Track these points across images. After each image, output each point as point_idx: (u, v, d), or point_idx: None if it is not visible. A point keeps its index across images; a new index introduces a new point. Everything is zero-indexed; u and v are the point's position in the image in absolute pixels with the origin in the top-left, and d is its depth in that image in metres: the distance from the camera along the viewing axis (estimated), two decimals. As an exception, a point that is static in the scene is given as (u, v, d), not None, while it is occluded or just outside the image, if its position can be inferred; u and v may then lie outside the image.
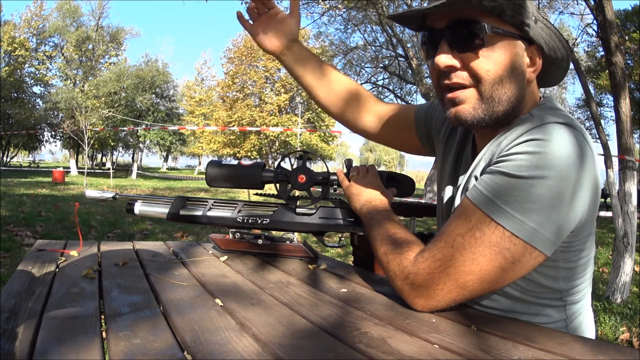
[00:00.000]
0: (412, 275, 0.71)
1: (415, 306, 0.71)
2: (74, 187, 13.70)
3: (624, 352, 0.56)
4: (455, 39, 0.71)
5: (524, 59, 0.73)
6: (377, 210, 0.89)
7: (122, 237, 5.31)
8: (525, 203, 0.63)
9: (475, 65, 0.70)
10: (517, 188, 0.64)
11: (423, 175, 20.42)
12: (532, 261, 0.66)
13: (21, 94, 25.39)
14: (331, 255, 3.78)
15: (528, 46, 0.73)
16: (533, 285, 0.74)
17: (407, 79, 10.50)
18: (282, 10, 1.05)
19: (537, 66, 0.75)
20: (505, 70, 0.71)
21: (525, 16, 0.69)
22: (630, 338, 2.70)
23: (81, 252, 1.07)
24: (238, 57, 24.91)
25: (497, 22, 0.69)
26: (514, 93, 0.72)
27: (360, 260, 1.08)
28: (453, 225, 0.69)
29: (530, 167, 0.64)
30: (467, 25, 0.69)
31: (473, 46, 0.70)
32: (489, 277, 0.66)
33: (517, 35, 0.71)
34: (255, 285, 0.85)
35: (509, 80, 0.71)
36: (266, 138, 24.54)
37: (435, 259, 0.69)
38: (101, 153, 41.67)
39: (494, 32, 0.69)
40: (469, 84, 0.72)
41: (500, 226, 0.64)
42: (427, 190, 9.68)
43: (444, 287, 0.68)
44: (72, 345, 0.53)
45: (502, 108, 0.72)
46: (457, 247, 0.67)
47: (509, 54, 0.70)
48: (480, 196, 0.67)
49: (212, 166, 1.02)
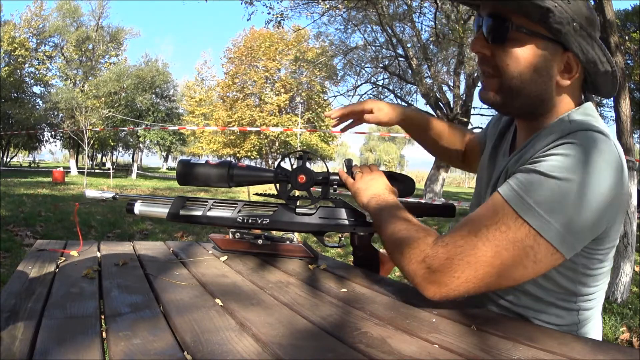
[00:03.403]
0: (429, 258, 0.69)
1: (427, 292, 0.70)
2: (74, 187, 13.70)
3: (624, 352, 0.56)
4: (487, 30, 0.75)
5: (554, 63, 0.74)
6: (386, 202, 0.88)
7: (122, 237, 5.31)
8: (554, 204, 0.64)
9: (497, 58, 0.75)
10: (548, 188, 0.64)
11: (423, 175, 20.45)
12: (552, 262, 0.67)
13: (21, 94, 25.37)
14: (331, 255, 3.77)
15: (563, 52, 0.73)
16: (551, 283, 0.75)
17: (407, 79, 10.48)
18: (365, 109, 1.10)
19: (574, 73, 0.75)
20: (525, 67, 0.74)
21: (555, 22, 0.69)
22: (630, 338, 2.70)
23: (81, 252, 1.07)
24: (238, 57, 24.91)
25: (525, 22, 0.72)
26: (534, 91, 0.75)
27: (360, 260, 1.08)
28: (480, 215, 0.69)
29: (563, 168, 0.64)
30: (497, 20, 0.74)
31: (499, 40, 0.74)
32: (507, 273, 0.66)
33: (547, 37, 0.72)
34: (255, 285, 0.85)
35: (529, 78, 0.74)
36: (266, 138, 24.53)
37: (456, 245, 0.68)
38: (101, 153, 41.68)
39: (518, 31, 0.72)
40: (493, 73, 0.77)
41: (526, 224, 0.65)
42: (427, 190, 9.68)
43: (461, 275, 0.67)
44: (72, 345, 0.53)
45: (520, 102, 0.76)
46: (481, 237, 0.67)
47: (532, 53, 0.73)
48: (511, 192, 0.67)
49: (182, 165, 1.02)
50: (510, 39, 0.73)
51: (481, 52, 0.77)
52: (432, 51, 9.73)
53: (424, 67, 9.84)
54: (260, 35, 24.49)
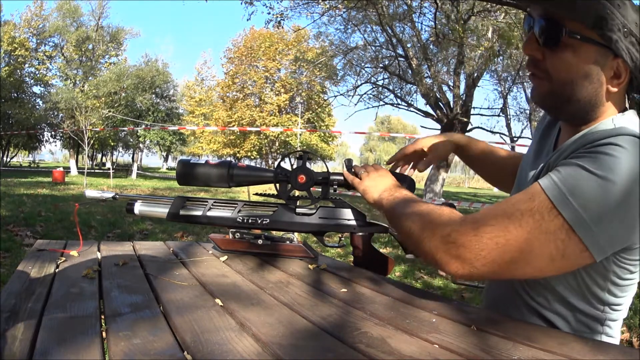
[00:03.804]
0: (456, 232, 0.68)
1: (449, 267, 0.68)
2: (74, 187, 13.70)
3: (624, 352, 0.56)
4: (539, 32, 0.74)
5: (605, 70, 0.72)
6: (400, 193, 0.88)
7: (122, 237, 5.31)
8: (591, 201, 0.63)
9: (549, 63, 0.75)
10: (587, 184, 0.64)
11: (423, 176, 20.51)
12: (580, 260, 0.66)
13: (21, 94, 25.36)
14: (331, 255, 3.78)
15: (613, 58, 0.72)
16: (582, 287, 0.74)
17: (407, 79, 10.48)
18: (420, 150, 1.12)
19: (623, 80, 0.74)
20: (576, 73, 0.73)
21: (607, 29, 0.68)
22: (630, 338, 2.70)
23: (81, 252, 1.07)
24: (238, 57, 24.92)
25: (579, 28, 0.70)
26: (586, 97, 0.74)
27: (360, 260, 1.08)
28: (515, 199, 0.68)
29: (605, 167, 0.63)
30: (550, 23, 0.73)
31: (551, 44, 0.73)
32: (534, 261, 0.66)
33: (600, 44, 0.71)
34: (255, 285, 0.85)
35: (579, 84, 0.73)
36: (266, 138, 24.53)
37: (488, 223, 0.67)
38: (101, 153, 41.68)
39: (571, 36, 0.71)
40: (542, 76, 0.76)
41: (561, 216, 0.64)
42: (427, 190, 9.68)
43: (488, 255, 0.66)
44: (72, 345, 0.53)
45: (573, 108, 0.76)
46: (513, 221, 0.66)
47: (584, 59, 0.72)
48: (551, 183, 0.66)
49: (182, 165, 1.02)
50: (563, 44, 0.72)
51: (533, 54, 0.76)
52: (432, 51, 9.73)
53: (424, 67, 9.84)
54: (260, 35, 24.49)
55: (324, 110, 24.98)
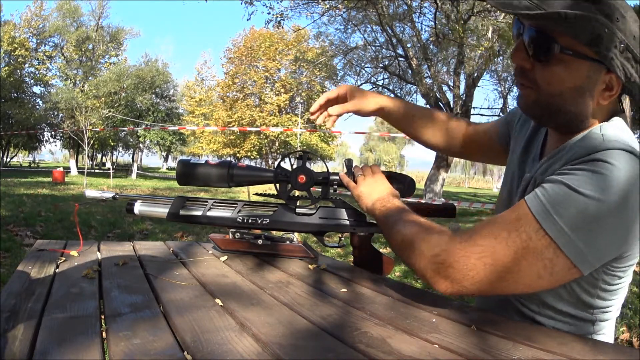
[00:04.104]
0: (445, 253, 0.69)
1: (439, 286, 0.69)
2: (74, 187, 13.70)
3: (624, 352, 0.56)
4: (530, 43, 0.72)
5: (597, 84, 0.71)
6: (393, 205, 0.88)
7: (122, 237, 5.31)
8: (578, 220, 0.63)
9: (538, 75, 0.73)
10: (574, 203, 0.63)
11: (423, 175, 20.50)
12: (568, 276, 0.66)
13: (21, 94, 25.36)
14: (331, 255, 3.77)
15: (607, 72, 0.71)
16: (568, 294, 0.75)
17: (407, 79, 10.48)
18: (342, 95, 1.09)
19: (615, 92, 0.73)
20: (567, 88, 0.72)
21: (603, 47, 0.67)
22: (630, 338, 2.70)
23: (81, 252, 1.07)
24: (238, 57, 24.92)
25: (572, 43, 0.69)
26: (575, 109, 0.73)
27: (360, 260, 1.08)
28: (503, 219, 0.69)
29: (592, 185, 0.63)
30: (542, 37, 0.70)
31: (542, 57, 0.71)
32: (522, 281, 0.66)
33: (593, 59, 0.69)
34: (255, 285, 0.85)
35: (570, 97, 0.72)
36: (266, 138, 24.53)
37: (475, 243, 0.68)
38: (101, 153, 41.67)
39: (564, 52, 0.69)
40: (530, 85, 0.75)
41: (548, 236, 0.64)
42: (427, 190, 9.68)
43: (476, 275, 0.67)
44: (72, 345, 0.53)
45: (561, 118, 0.75)
46: (500, 240, 0.66)
47: (576, 74, 0.71)
48: (536, 201, 0.66)
49: (182, 165, 1.02)
50: (555, 59, 0.70)
51: (521, 64, 0.74)
52: (432, 51, 9.73)
53: (424, 67, 9.84)
54: (260, 35, 24.49)
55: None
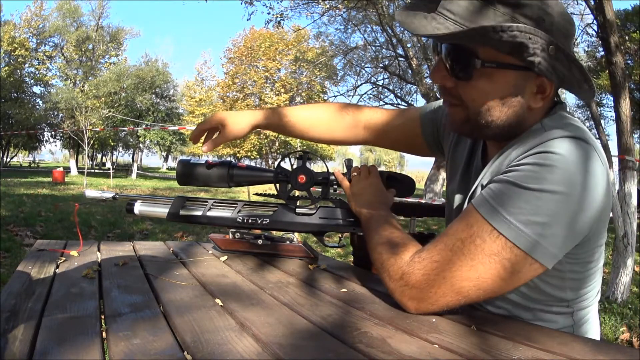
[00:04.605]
0: (406, 275, 0.69)
1: (408, 308, 0.70)
2: (74, 187, 13.70)
3: (625, 352, 0.56)
4: (449, 61, 0.70)
5: (527, 89, 0.69)
6: (376, 213, 0.88)
7: (122, 237, 5.31)
8: (529, 214, 0.62)
9: (462, 91, 0.71)
10: (522, 198, 0.63)
11: (423, 175, 20.49)
12: (531, 272, 0.65)
13: (21, 94, 25.36)
14: (331, 255, 3.77)
15: (536, 76, 0.69)
16: (537, 293, 0.73)
17: (407, 79, 10.49)
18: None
19: (548, 93, 0.71)
20: (494, 100, 0.70)
21: (528, 54, 0.64)
22: (630, 338, 2.70)
23: (81, 252, 1.07)
24: (238, 57, 24.91)
25: (494, 55, 0.66)
26: (506, 119, 0.71)
27: (360, 260, 1.08)
28: (454, 229, 0.68)
29: (537, 178, 0.63)
30: (461, 53, 0.68)
31: (463, 76, 0.69)
32: (486, 285, 0.65)
33: (519, 67, 0.67)
34: (255, 285, 0.85)
35: (499, 108, 0.70)
36: (266, 138, 24.54)
37: (432, 260, 0.68)
38: (101, 153, 41.68)
39: (486, 66, 0.67)
40: (457, 102, 0.73)
41: (502, 235, 0.63)
42: (427, 190, 9.68)
43: (438, 290, 0.67)
44: (72, 345, 0.53)
45: (492, 131, 0.73)
46: (455, 251, 0.66)
47: (502, 85, 0.68)
48: (485, 204, 0.66)
49: (182, 165, 1.03)
50: (477, 74, 0.68)
51: (443, 84, 0.72)
52: (432, 51, 9.72)
53: (424, 67, 9.84)
54: (260, 35, 24.49)
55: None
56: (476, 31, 0.63)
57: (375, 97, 11.26)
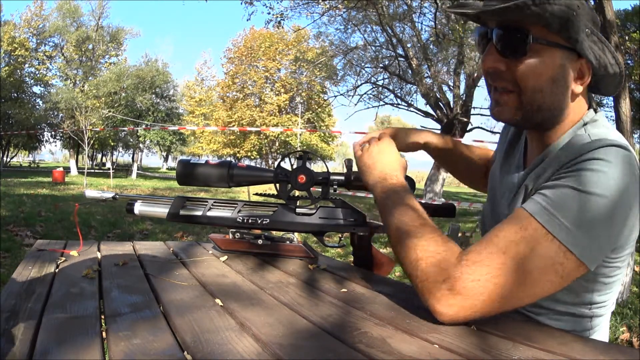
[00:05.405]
0: (452, 280, 0.64)
1: (443, 314, 0.64)
2: (74, 187, 13.70)
3: (625, 352, 0.56)
4: (501, 43, 0.72)
5: (570, 72, 0.73)
6: (393, 190, 0.81)
7: (122, 237, 5.31)
8: (583, 219, 0.63)
9: (517, 72, 0.72)
10: (577, 202, 0.64)
11: (423, 175, 20.50)
12: (576, 274, 0.66)
13: (21, 94, 25.36)
14: (331, 255, 3.77)
15: (577, 59, 0.72)
16: (572, 295, 0.75)
17: (407, 79, 10.48)
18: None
19: (586, 79, 0.74)
20: (545, 80, 0.72)
21: (574, 31, 0.68)
22: (630, 338, 2.70)
23: (81, 252, 1.07)
24: (238, 57, 24.92)
25: (544, 33, 0.70)
26: (554, 103, 0.74)
27: (360, 260, 1.08)
28: (505, 231, 0.66)
29: (594, 184, 0.64)
30: (513, 32, 0.71)
31: (516, 53, 0.71)
32: (536, 290, 0.65)
33: (565, 47, 0.71)
34: (255, 285, 0.85)
35: (549, 90, 0.73)
36: (266, 138, 24.54)
37: (484, 264, 0.64)
38: (101, 153, 41.68)
39: (537, 42, 0.70)
40: (511, 88, 0.74)
41: (556, 240, 0.63)
42: (427, 190, 9.68)
43: (488, 297, 0.63)
44: (72, 345, 0.53)
45: (541, 116, 0.75)
46: (510, 255, 0.64)
47: (551, 64, 0.71)
48: (539, 208, 0.65)
49: (182, 165, 1.03)
50: (530, 51, 0.71)
51: (496, 67, 0.73)
52: (432, 51, 9.73)
53: (424, 67, 9.84)
54: (260, 35, 24.49)
55: (324, 111, 25.00)
56: (525, 2, 0.66)
57: (375, 97, 11.25)
